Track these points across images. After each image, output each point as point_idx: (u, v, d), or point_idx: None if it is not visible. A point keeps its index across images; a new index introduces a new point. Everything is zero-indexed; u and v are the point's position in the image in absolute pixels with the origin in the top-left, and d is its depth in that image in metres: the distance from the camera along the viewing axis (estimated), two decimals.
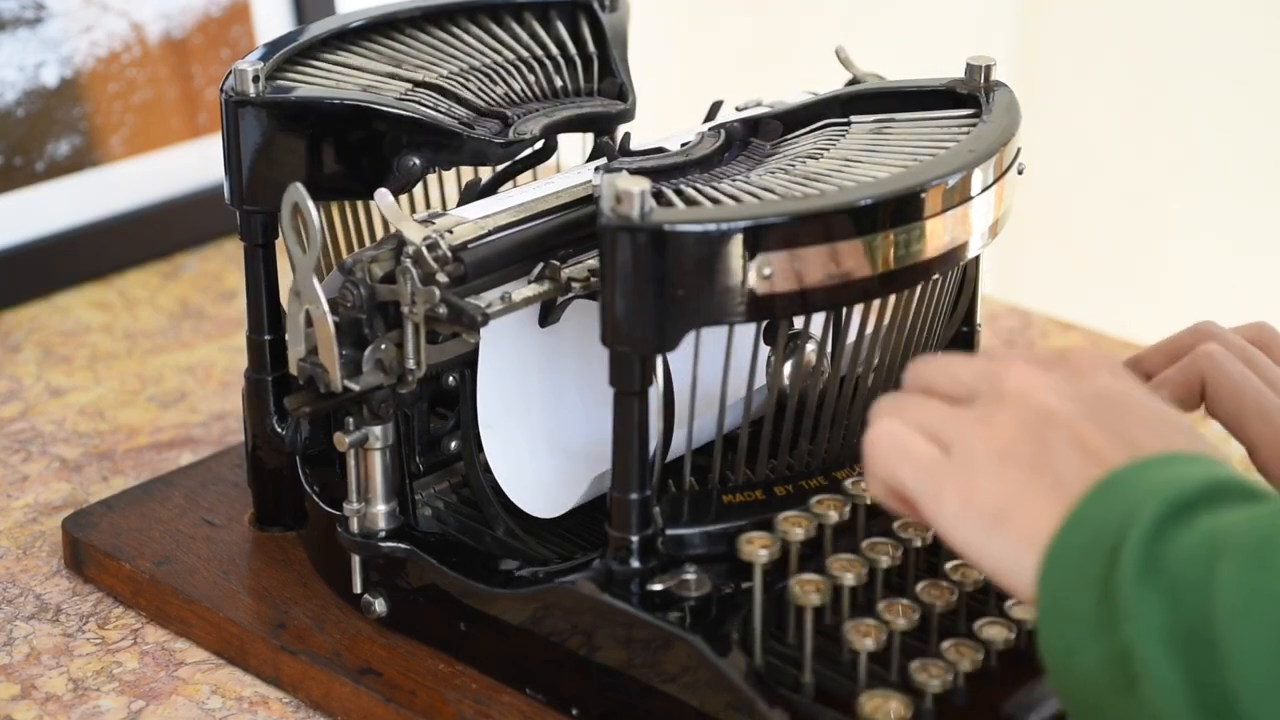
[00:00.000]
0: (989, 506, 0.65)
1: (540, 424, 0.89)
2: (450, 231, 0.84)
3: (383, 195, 0.84)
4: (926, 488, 0.67)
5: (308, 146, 0.91)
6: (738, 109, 0.95)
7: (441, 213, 0.86)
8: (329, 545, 0.91)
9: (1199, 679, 0.58)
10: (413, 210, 0.99)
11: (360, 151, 0.91)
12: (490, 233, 0.85)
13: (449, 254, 0.82)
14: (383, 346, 0.83)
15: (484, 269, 0.84)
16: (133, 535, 0.97)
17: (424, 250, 0.82)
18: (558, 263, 0.85)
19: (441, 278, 0.82)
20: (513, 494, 0.87)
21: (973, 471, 0.66)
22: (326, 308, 0.82)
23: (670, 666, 0.79)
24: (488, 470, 0.88)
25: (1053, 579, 0.62)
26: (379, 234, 0.97)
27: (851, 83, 0.97)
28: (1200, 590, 0.58)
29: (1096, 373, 0.69)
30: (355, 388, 0.83)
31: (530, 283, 0.85)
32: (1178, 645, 0.58)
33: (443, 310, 0.81)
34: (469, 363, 0.87)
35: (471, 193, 0.93)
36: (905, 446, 0.69)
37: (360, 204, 0.96)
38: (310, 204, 0.81)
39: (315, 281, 0.82)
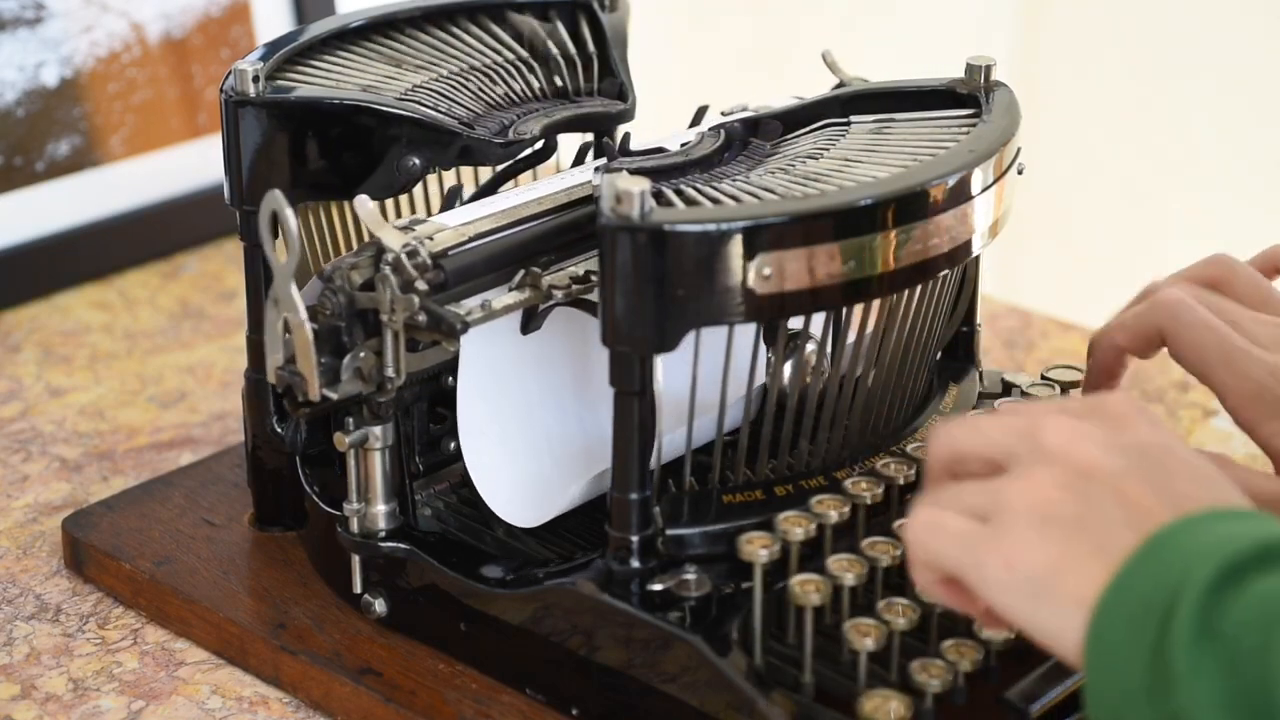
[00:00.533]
0: (1033, 570, 0.63)
1: (521, 432, 0.89)
2: (430, 238, 0.83)
3: (362, 202, 0.84)
4: (968, 559, 0.65)
5: (308, 146, 0.91)
6: (723, 114, 0.95)
7: (422, 219, 0.86)
8: (329, 545, 0.91)
9: None
10: (412, 212, 0.99)
11: (360, 151, 0.91)
12: (471, 239, 0.85)
13: (429, 261, 0.82)
14: (362, 354, 0.83)
15: (464, 276, 0.83)
16: (133, 535, 0.97)
17: (403, 257, 0.81)
18: (538, 270, 0.84)
19: (421, 285, 0.81)
20: (492, 503, 0.87)
21: (1014, 535, 0.64)
22: (304, 315, 0.81)
23: (670, 666, 0.79)
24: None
25: (1101, 643, 0.61)
26: None
27: (838, 87, 0.96)
28: (1259, 658, 0.57)
29: (1136, 424, 0.67)
30: (334, 396, 0.82)
31: (511, 290, 0.84)
32: (1235, 714, 0.57)
33: (422, 318, 0.81)
34: None
35: (453, 200, 0.92)
36: (943, 526, 0.66)
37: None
38: (289, 211, 0.80)
39: (293, 289, 0.81)
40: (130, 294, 1.32)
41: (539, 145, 0.95)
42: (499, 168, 0.96)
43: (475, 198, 0.95)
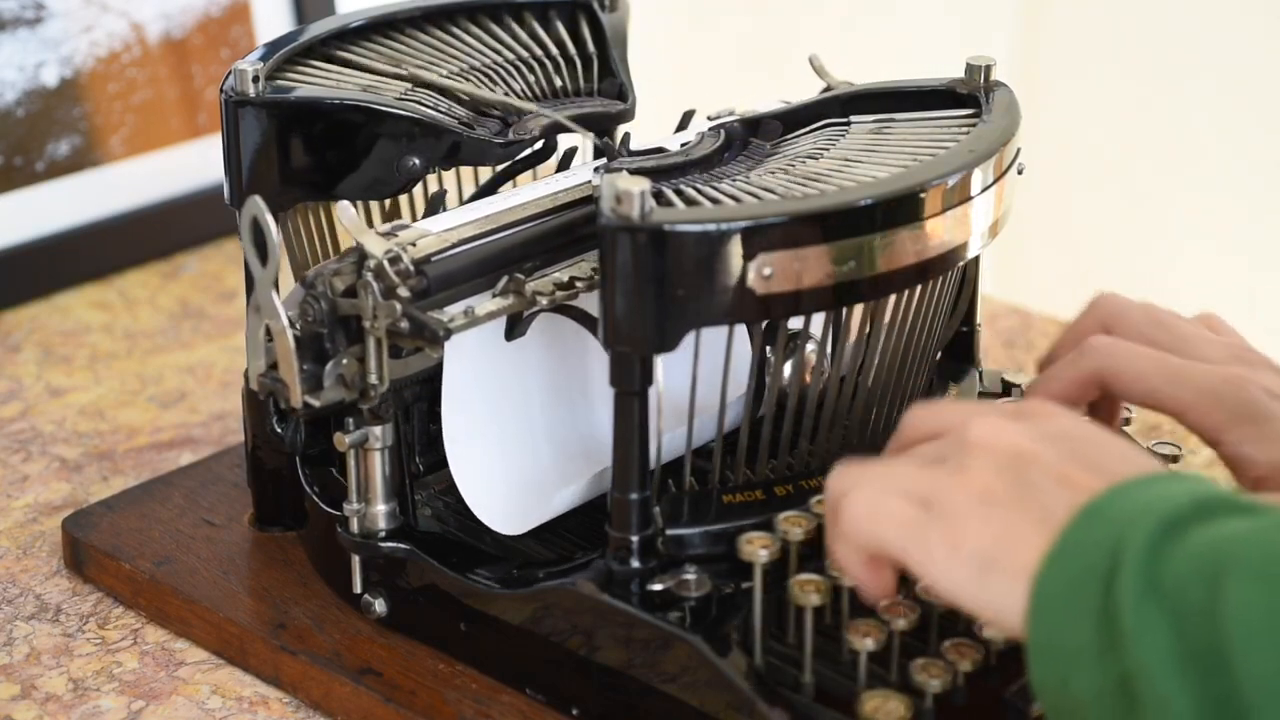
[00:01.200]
0: (978, 549, 0.65)
1: (507, 439, 0.88)
2: (413, 244, 0.83)
3: (344, 208, 0.83)
4: (912, 543, 0.66)
5: (308, 146, 0.91)
6: (710, 119, 0.95)
7: (406, 224, 0.86)
8: (329, 545, 0.91)
9: (1211, 699, 0.57)
10: (412, 211, 0.99)
11: (360, 151, 0.91)
12: (454, 245, 0.84)
13: (411, 267, 0.81)
14: (344, 361, 0.82)
15: (447, 283, 0.83)
16: (133, 535, 0.97)
17: (385, 264, 0.81)
18: (522, 276, 0.84)
19: (403, 292, 0.81)
20: (478, 510, 0.86)
21: (956, 518, 0.65)
22: (286, 322, 0.81)
23: (670, 666, 0.79)
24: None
25: (1044, 607, 0.62)
26: None
27: (825, 90, 0.96)
28: (1205, 609, 0.58)
29: (1057, 416, 0.68)
30: (316, 403, 0.82)
31: (495, 296, 0.84)
32: (1187, 666, 0.58)
33: (404, 325, 0.81)
34: None
35: (437, 205, 0.92)
36: (884, 508, 0.67)
37: (360, 204, 0.96)
38: (269, 217, 0.80)
39: (275, 295, 0.81)
40: (130, 294, 1.32)
41: (539, 145, 0.95)
42: (499, 168, 0.96)
43: (475, 198, 0.95)
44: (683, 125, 0.98)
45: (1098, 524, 0.62)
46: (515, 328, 0.86)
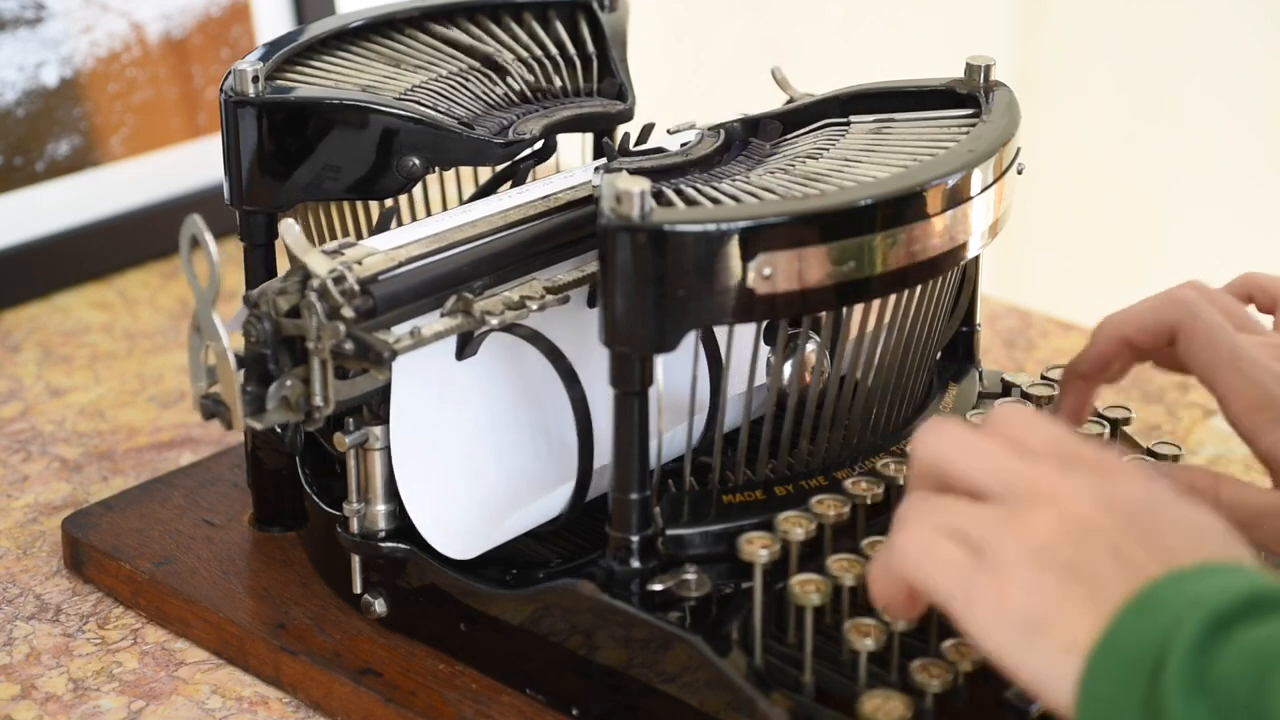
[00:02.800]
0: (1024, 611, 0.63)
1: (457, 461, 0.86)
2: (359, 263, 0.81)
3: (288, 227, 0.81)
4: (958, 590, 0.64)
5: (308, 146, 0.91)
6: (669, 132, 0.94)
7: (353, 243, 0.84)
8: (329, 545, 0.91)
9: None
10: (412, 211, 0.99)
11: (360, 151, 0.91)
12: (402, 264, 0.82)
13: (356, 287, 0.80)
14: (288, 383, 0.80)
15: (394, 302, 0.81)
16: (133, 535, 0.97)
17: (329, 283, 0.79)
18: (470, 295, 0.82)
19: (348, 312, 0.79)
20: (428, 535, 0.85)
21: (1006, 573, 0.63)
22: (227, 343, 0.79)
23: (670, 666, 0.79)
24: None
25: (1093, 694, 0.60)
26: None
27: (789, 103, 0.95)
28: (1252, 709, 0.57)
29: (1128, 477, 0.66)
30: (258, 426, 0.80)
31: (442, 316, 0.82)
32: None
33: (349, 346, 0.79)
34: None
35: (387, 221, 0.91)
36: (934, 550, 0.65)
37: (360, 204, 0.96)
38: (209, 236, 0.77)
39: (215, 316, 0.79)
40: (130, 294, 1.32)
41: (539, 145, 0.95)
42: (499, 168, 0.96)
43: (475, 198, 0.95)
44: (642, 139, 0.97)
45: (1149, 613, 0.61)
46: (465, 347, 0.85)
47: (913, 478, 0.70)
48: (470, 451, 0.87)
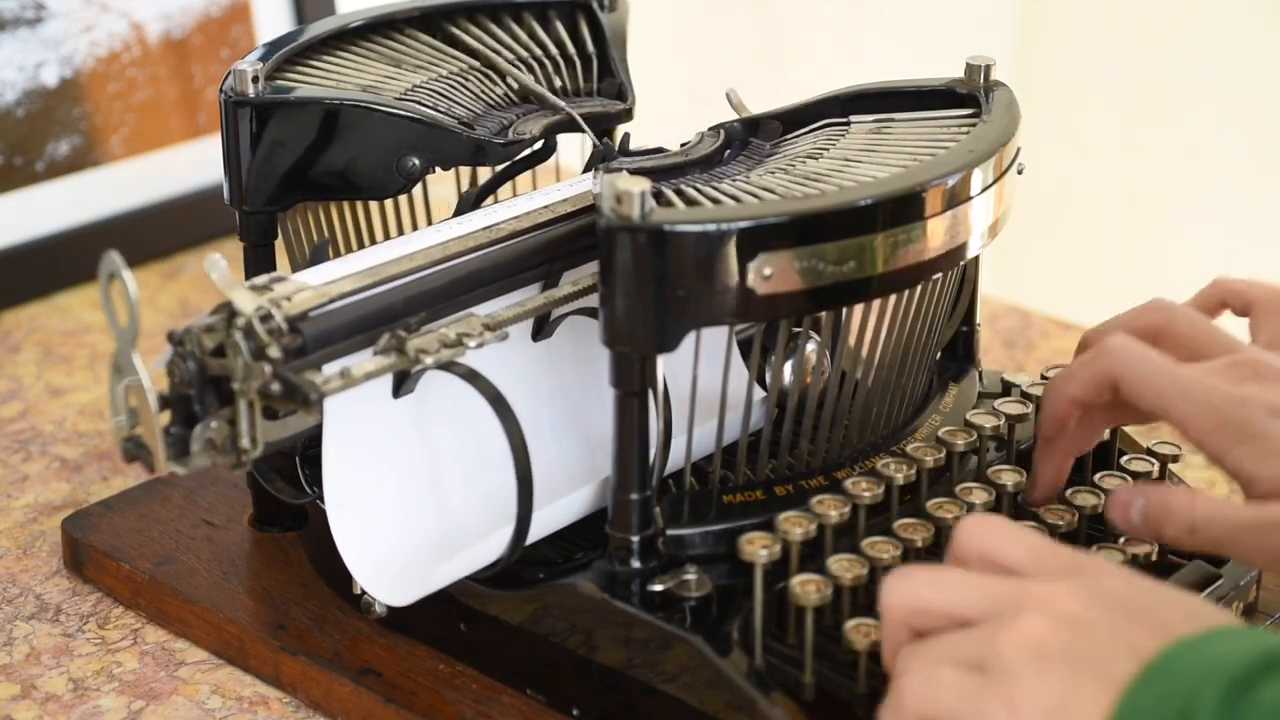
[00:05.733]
0: (1038, 709, 0.63)
1: (393, 502, 0.84)
2: (289, 299, 0.78)
3: (214, 263, 0.77)
4: (969, 708, 0.64)
5: (307, 146, 0.91)
6: (629, 152, 0.94)
7: (283, 278, 0.80)
8: (329, 545, 0.90)
9: None
10: (411, 211, 0.99)
11: (360, 151, 0.91)
12: (335, 299, 0.79)
13: (284, 325, 0.77)
14: (214, 425, 0.77)
15: (326, 340, 0.78)
16: (132, 536, 0.97)
17: (256, 321, 0.76)
18: (404, 333, 0.79)
19: (274, 352, 0.76)
20: (361, 578, 0.83)
21: (1012, 677, 0.63)
22: (148, 384, 0.76)
23: (670, 666, 0.79)
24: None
25: None
26: (379, 237, 0.97)
27: (749, 121, 0.93)
28: None
29: (1112, 575, 0.67)
30: (181, 471, 0.77)
31: (375, 355, 0.79)
32: None
33: (276, 387, 0.76)
34: None
35: (320, 255, 0.88)
36: (938, 679, 0.65)
37: (360, 205, 0.96)
38: (127, 274, 0.75)
39: (135, 356, 0.76)
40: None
41: (539, 145, 0.95)
42: (499, 168, 0.96)
43: (474, 198, 0.95)
44: (591, 165, 0.97)
45: (1165, 682, 0.61)
46: (402, 385, 0.82)
47: (887, 632, 0.70)
48: (407, 493, 0.84)
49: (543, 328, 0.87)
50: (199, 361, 0.77)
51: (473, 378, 0.81)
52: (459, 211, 0.93)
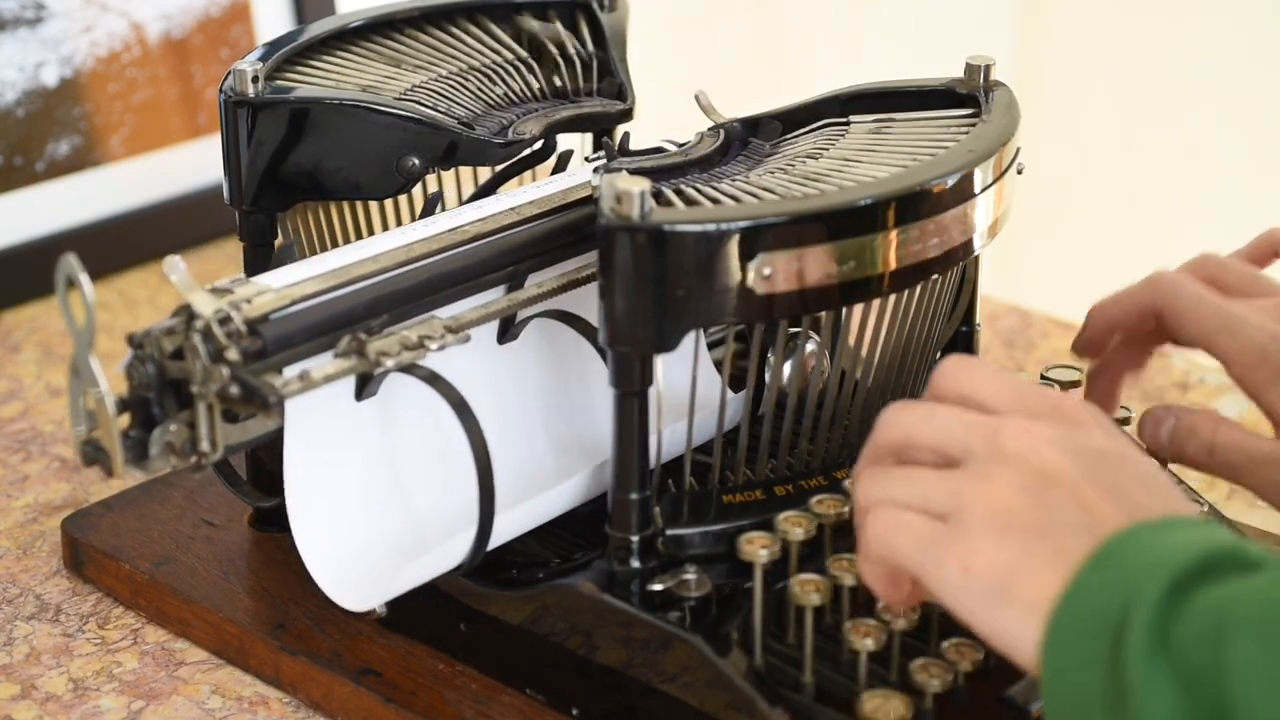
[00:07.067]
0: (990, 575, 0.64)
1: (354, 506, 0.83)
2: (249, 302, 0.77)
3: (173, 265, 0.77)
4: (928, 561, 0.66)
5: (307, 146, 0.91)
6: (587, 159, 0.94)
7: (244, 280, 0.80)
8: None
9: None
10: (411, 213, 0.99)
11: (360, 151, 0.91)
12: (295, 302, 0.79)
13: (243, 328, 0.76)
14: (173, 428, 0.77)
15: (287, 343, 0.78)
16: (132, 536, 0.97)
17: (214, 324, 0.76)
18: (365, 336, 0.79)
19: (233, 355, 0.76)
20: (322, 583, 0.82)
21: (971, 537, 0.65)
22: (106, 386, 0.76)
23: (670, 666, 0.79)
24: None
25: (1057, 651, 0.62)
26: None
27: (713, 128, 0.93)
28: (1212, 672, 0.58)
29: (1092, 429, 0.68)
30: (141, 475, 0.77)
31: (335, 357, 0.79)
32: None
33: (234, 390, 0.76)
34: None
35: (283, 258, 0.87)
36: (900, 523, 0.67)
37: (360, 205, 0.96)
38: (84, 277, 0.75)
39: (93, 359, 0.76)
40: (130, 294, 1.32)
41: (539, 145, 0.95)
42: (498, 168, 0.96)
43: (474, 198, 0.95)
44: (560, 167, 0.97)
45: (1112, 570, 0.62)
46: (365, 387, 0.82)
47: (871, 452, 0.71)
48: (371, 496, 0.84)
49: (508, 330, 0.87)
50: (158, 364, 0.77)
51: (434, 381, 0.80)
52: (425, 214, 0.93)
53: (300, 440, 0.81)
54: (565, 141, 1.00)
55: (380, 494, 0.84)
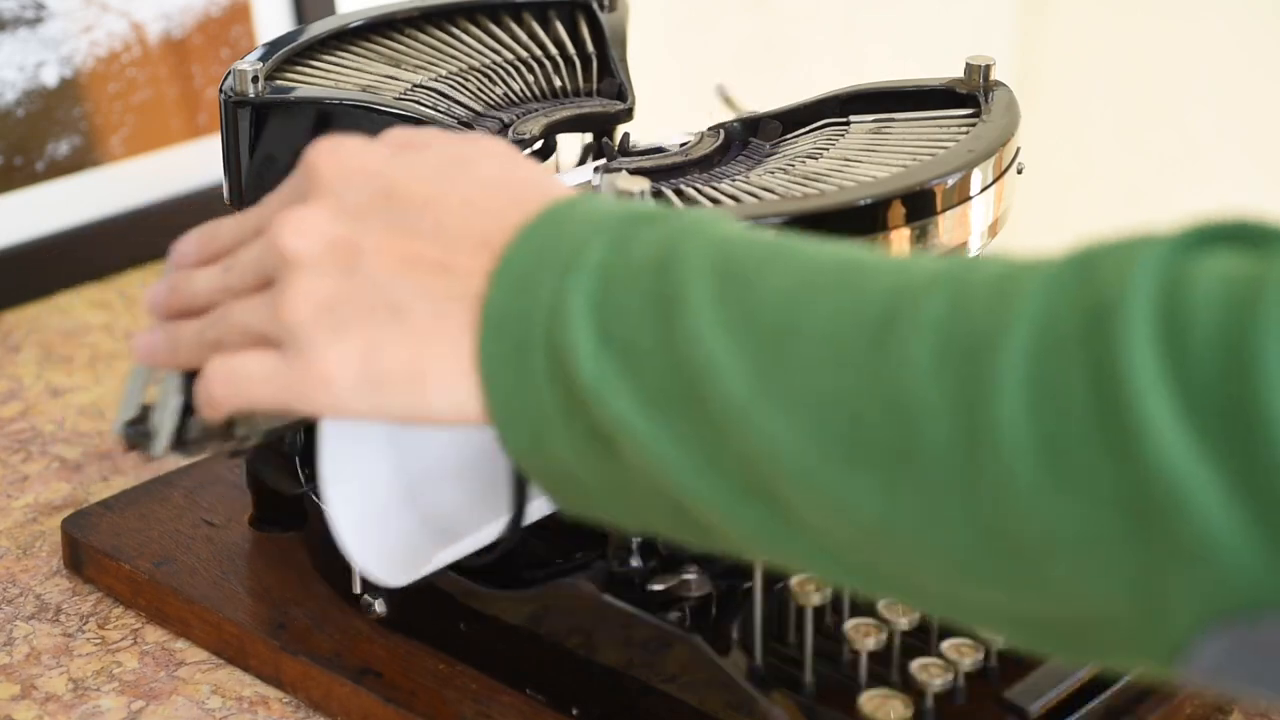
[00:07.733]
0: (349, 378, 0.61)
1: (393, 480, 0.82)
2: None
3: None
4: (289, 396, 0.62)
5: (307, 147, 0.91)
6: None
7: None
8: (329, 545, 0.90)
9: (690, 436, 0.56)
10: None
11: None
12: None
13: None
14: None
15: None
16: (132, 535, 0.97)
17: None
18: None
19: None
20: (359, 558, 0.80)
21: (315, 350, 0.61)
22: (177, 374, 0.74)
23: (670, 666, 0.79)
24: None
25: (497, 391, 0.59)
26: None
27: (749, 121, 0.93)
28: (654, 349, 0.57)
29: (357, 180, 0.63)
30: (183, 458, 0.77)
31: None
32: (653, 407, 0.57)
33: None
34: None
35: None
36: (243, 373, 0.63)
37: None
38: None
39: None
40: (130, 294, 1.32)
41: (539, 145, 0.95)
42: None
43: None
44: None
45: (509, 296, 0.59)
46: None
47: (173, 280, 0.68)
48: (405, 474, 0.82)
49: None
50: None
51: None
52: None
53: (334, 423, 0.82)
54: (565, 142, 1.00)
55: (415, 471, 0.85)
